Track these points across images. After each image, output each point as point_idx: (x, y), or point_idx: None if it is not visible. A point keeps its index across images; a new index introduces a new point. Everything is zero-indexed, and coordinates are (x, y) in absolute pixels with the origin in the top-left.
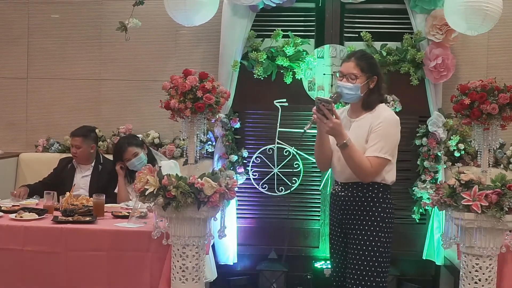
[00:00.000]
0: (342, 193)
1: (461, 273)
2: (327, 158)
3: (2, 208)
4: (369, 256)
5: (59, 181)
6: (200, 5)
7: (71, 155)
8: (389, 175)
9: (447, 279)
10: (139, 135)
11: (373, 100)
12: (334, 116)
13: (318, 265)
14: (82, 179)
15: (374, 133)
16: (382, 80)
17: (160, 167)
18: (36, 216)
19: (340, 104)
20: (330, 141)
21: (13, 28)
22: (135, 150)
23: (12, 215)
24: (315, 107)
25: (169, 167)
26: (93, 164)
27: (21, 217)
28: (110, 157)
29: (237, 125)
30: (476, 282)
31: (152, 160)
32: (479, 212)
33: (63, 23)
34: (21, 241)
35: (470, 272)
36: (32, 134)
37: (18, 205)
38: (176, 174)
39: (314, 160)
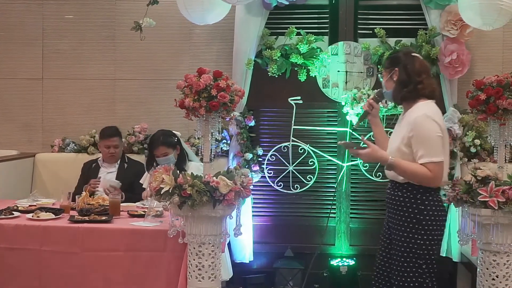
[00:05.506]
0: (388, 191)
1: (478, 269)
2: None
3: (19, 208)
4: (408, 256)
5: (87, 183)
6: (216, 4)
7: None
8: None
9: (464, 275)
10: (178, 133)
11: (400, 93)
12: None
13: (334, 262)
14: (107, 175)
15: (413, 140)
16: (411, 72)
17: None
18: (53, 216)
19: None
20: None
21: (28, 29)
22: (166, 150)
23: (29, 215)
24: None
25: (196, 168)
26: (118, 162)
27: (38, 217)
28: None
29: (252, 123)
30: (493, 279)
31: (182, 161)
32: (496, 208)
33: (78, 23)
34: (39, 241)
35: (487, 269)
36: (48, 135)
37: (35, 205)
38: (192, 173)
39: (329, 158)
